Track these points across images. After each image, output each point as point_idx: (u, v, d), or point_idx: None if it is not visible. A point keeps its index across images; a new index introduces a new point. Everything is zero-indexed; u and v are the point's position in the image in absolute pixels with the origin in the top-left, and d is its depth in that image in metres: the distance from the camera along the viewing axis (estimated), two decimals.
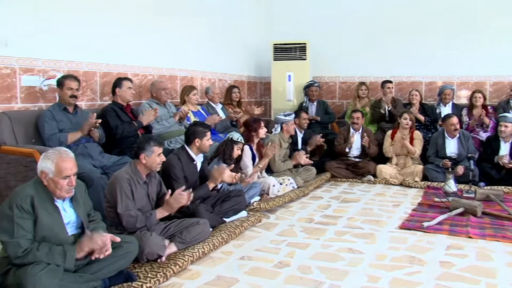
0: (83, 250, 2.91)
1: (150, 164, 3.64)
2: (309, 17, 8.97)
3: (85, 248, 2.91)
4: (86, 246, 2.91)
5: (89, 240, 2.92)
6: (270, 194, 5.34)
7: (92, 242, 2.92)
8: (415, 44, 8.27)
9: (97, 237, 2.93)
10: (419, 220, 4.67)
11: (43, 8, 4.83)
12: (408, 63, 8.40)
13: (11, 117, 4.41)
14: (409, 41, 8.30)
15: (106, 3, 5.57)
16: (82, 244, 2.92)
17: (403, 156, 6.80)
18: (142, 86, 6.19)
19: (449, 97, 7.48)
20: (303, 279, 3.32)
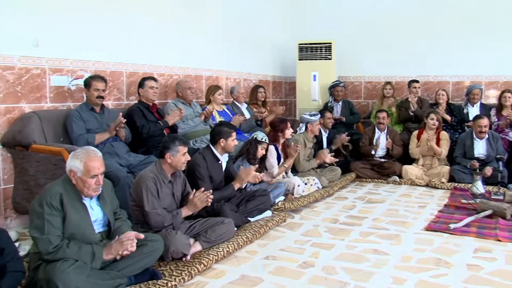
0: (112, 254, 2.95)
1: (175, 164, 3.67)
2: (335, 17, 8.92)
3: (114, 252, 2.95)
4: (115, 250, 2.95)
5: (119, 244, 2.96)
6: (295, 194, 5.33)
7: (121, 246, 2.95)
8: (442, 43, 8.15)
9: (127, 242, 2.96)
10: (445, 222, 4.60)
11: (72, 10, 4.92)
12: (435, 62, 8.27)
13: (41, 117, 4.50)
14: (436, 40, 8.19)
15: (132, 4, 5.65)
16: (112, 248, 2.96)
17: (430, 157, 6.72)
18: (168, 85, 6.24)
19: (477, 97, 7.33)
20: (327, 279, 3.31)
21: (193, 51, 6.71)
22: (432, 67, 8.31)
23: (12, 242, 2.74)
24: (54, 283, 2.64)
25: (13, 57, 4.45)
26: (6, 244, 2.61)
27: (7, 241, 2.65)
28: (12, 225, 4.52)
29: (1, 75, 4.37)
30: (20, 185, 4.42)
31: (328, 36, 8.44)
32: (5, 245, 2.59)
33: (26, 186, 4.36)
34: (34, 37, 4.60)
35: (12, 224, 4.53)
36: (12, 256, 2.64)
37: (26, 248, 3.70)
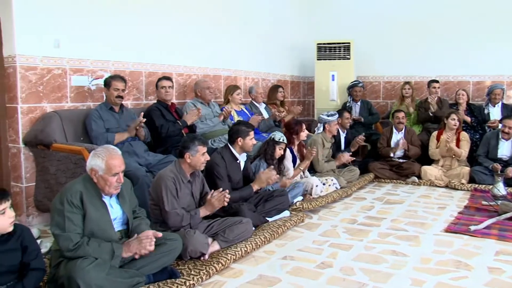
0: (131, 251, 2.99)
1: (195, 163, 3.69)
2: (353, 16, 8.87)
3: (133, 250, 2.98)
4: (134, 248, 2.98)
5: (138, 242, 3.00)
6: (313, 194, 5.32)
7: (140, 245, 2.98)
8: (462, 42, 8.04)
9: (145, 240, 3.00)
10: (465, 224, 4.55)
11: (92, 11, 4.98)
12: (455, 62, 8.15)
13: (62, 116, 4.57)
14: (456, 39, 8.08)
15: (151, 5, 5.69)
16: (131, 246, 2.99)
17: (449, 158, 6.64)
18: (187, 85, 6.28)
19: (498, 97, 7.23)
20: (345, 280, 3.30)
21: (212, 51, 6.74)
22: (452, 67, 8.20)
23: (35, 240, 2.79)
24: (75, 280, 2.68)
25: (36, 58, 4.52)
26: (29, 242, 2.65)
27: (30, 239, 2.69)
28: (34, 223, 4.59)
29: (24, 75, 4.44)
30: (41, 183, 4.49)
31: (347, 36, 8.40)
32: (28, 243, 2.64)
33: (47, 184, 4.42)
34: (56, 38, 4.67)
35: (34, 221, 4.61)
36: (35, 254, 2.69)
37: (47, 245, 3.76)
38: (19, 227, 2.71)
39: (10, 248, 2.57)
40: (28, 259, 2.62)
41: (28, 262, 2.62)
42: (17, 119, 4.45)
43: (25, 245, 2.61)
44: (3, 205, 2.46)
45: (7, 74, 4.48)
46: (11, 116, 4.50)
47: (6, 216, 2.49)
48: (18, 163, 4.53)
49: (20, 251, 2.60)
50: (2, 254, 2.53)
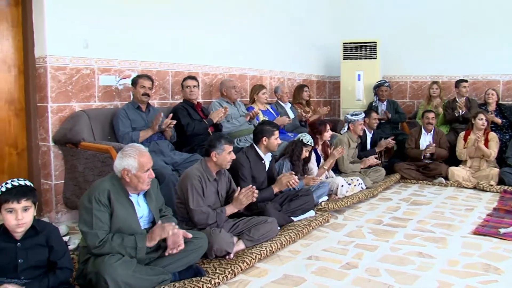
0: (155, 239, 3.02)
1: (221, 162, 3.71)
2: (380, 15, 8.79)
3: (157, 237, 3.02)
4: (157, 235, 3.02)
5: (161, 229, 3.03)
6: (339, 194, 5.29)
7: (163, 231, 3.02)
8: (491, 40, 7.88)
9: (168, 226, 3.03)
10: (494, 226, 4.47)
11: (120, 12, 5.06)
12: (484, 61, 7.99)
13: (90, 115, 4.65)
14: (485, 37, 7.92)
15: (178, 6, 5.74)
16: (154, 233, 3.03)
17: (477, 159, 6.52)
18: (213, 85, 6.31)
19: None
20: (371, 281, 3.27)
21: (238, 51, 6.76)
22: (481, 66, 8.03)
23: (62, 239, 2.83)
24: (102, 277, 2.73)
25: (65, 58, 4.61)
26: (55, 242, 2.69)
27: (57, 239, 2.74)
28: (62, 220, 4.68)
29: (54, 75, 4.53)
30: (70, 181, 4.57)
31: (373, 35, 8.33)
32: (54, 242, 2.68)
33: (76, 182, 4.50)
34: (84, 38, 4.75)
35: (62, 218, 4.70)
36: (62, 253, 2.73)
37: (75, 242, 3.83)
38: (47, 225, 2.77)
39: (36, 243, 2.62)
40: (55, 258, 2.67)
41: (55, 261, 2.67)
42: (47, 118, 4.54)
43: (51, 245, 2.66)
44: (10, 204, 2.50)
45: (38, 74, 4.57)
46: (41, 115, 4.60)
47: (13, 217, 2.51)
48: (48, 161, 4.62)
49: (47, 248, 2.65)
50: (29, 249, 2.59)
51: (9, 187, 2.52)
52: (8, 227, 2.55)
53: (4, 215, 2.51)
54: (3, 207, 2.50)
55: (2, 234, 2.57)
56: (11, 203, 2.50)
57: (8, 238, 2.57)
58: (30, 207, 2.57)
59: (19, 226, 2.54)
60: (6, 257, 2.55)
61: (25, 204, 2.54)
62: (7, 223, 2.53)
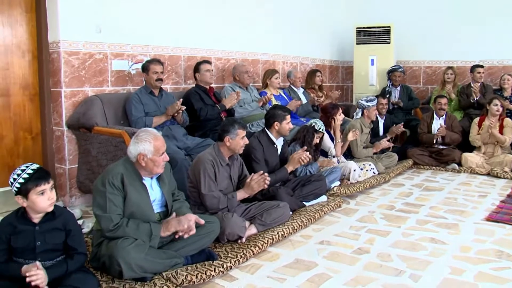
0: (169, 230, 3.06)
1: (234, 147, 3.72)
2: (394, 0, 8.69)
3: (171, 229, 3.06)
4: (173, 227, 3.05)
5: (177, 222, 3.07)
6: (351, 179, 5.29)
7: (179, 224, 3.05)
8: (507, 25, 7.74)
9: (184, 220, 3.06)
10: (508, 213, 4.43)
11: None
12: (500, 45, 7.86)
13: (103, 100, 4.67)
14: (501, 22, 7.78)
15: None
16: (169, 225, 3.06)
17: (491, 145, 6.45)
18: (225, 70, 6.30)
19: None
20: (382, 266, 3.28)
21: (251, 36, 6.73)
22: (497, 51, 7.91)
23: (78, 225, 2.87)
24: (116, 259, 2.77)
25: (78, 43, 4.62)
26: (73, 226, 2.73)
27: (75, 225, 2.77)
28: (76, 203, 4.74)
29: (67, 60, 4.55)
30: (83, 165, 4.61)
31: (387, 20, 8.25)
32: (72, 227, 2.71)
33: (89, 166, 4.54)
34: (97, 23, 4.76)
35: (76, 202, 4.75)
36: (79, 239, 2.77)
37: (89, 225, 3.87)
38: (65, 211, 2.80)
39: (54, 227, 2.65)
40: (73, 243, 2.70)
41: (73, 246, 2.70)
42: (60, 103, 4.57)
43: (69, 229, 2.69)
44: (42, 186, 2.53)
45: (51, 59, 4.60)
46: (55, 100, 4.63)
47: (46, 197, 2.55)
48: (62, 146, 4.66)
49: (64, 232, 2.68)
50: (47, 232, 2.63)
51: (30, 172, 2.54)
52: (41, 210, 2.58)
53: (36, 199, 2.53)
54: (34, 191, 2.52)
55: (21, 217, 2.61)
56: (43, 185, 2.54)
57: (27, 221, 2.61)
58: (53, 185, 2.63)
59: (51, 205, 2.60)
60: (25, 239, 2.59)
61: (51, 182, 2.60)
62: (41, 206, 2.56)
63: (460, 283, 3.04)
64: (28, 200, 2.54)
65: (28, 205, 2.56)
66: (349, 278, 3.09)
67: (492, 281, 3.06)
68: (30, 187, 2.52)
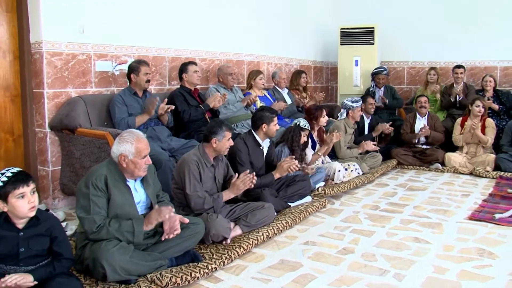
0: (152, 223, 3.03)
1: (220, 148, 3.72)
2: (377, 1, 8.74)
3: (153, 221, 3.03)
4: (154, 219, 3.03)
5: (157, 213, 3.04)
6: (335, 179, 5.31)
7: (160, 215, 3.03)
8: (489, 26, 7.85)
9: (165, 210, 3.04)
10: (490, 212, 4.49)
11: None
12: (482, 47, 7.97)
13: (86, 101, 4.62)
14: (483, 23, 7.89)
15: None
16: (151, 218, 3.04)
17: (474, 145, 6.54)
18: (209, 70, 6.28)
19: None
20: (367, 266, 3.30)
21: (235, 36, 6.72)
22: (479, 52, 8.02)
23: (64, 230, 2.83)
24: (99, 262, 2.75)
25: (61, 43, 4.57)
26: (59, 233, 2.68)
27: (60, 230, 2.73)
28: (59, 206, 4.69)
29: (50, 61, 4.50)
30: (66, 167, 4.57)
31: (371, 21, 8.31)
32: (58, 233, 2.67)
33: (72, 168, 4.50)
34: (80, 23, 4.71)
35: (59, 204, 4.70)
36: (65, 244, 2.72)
37: (73, 228, 3.84)
38: (50, 216, 2.75)
39: (38, 233, 2.59)
40: (59, 249, 2.65)
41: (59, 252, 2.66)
42: (43, 104, 4.52)
43: (54, 235, 2.64)
44: (21, 189, 2.46)
45: (33, 60, 4.54)
46: (37, 101, 4.58)
47: (26, 201, 2.48)
48: (44, 147, 4.61)
49: (48, 238, 2.63)
50: (31, 238, 2.56)
51: (9, 175, 2.48)
52: (21, 214, 2.51)
53: (15, 203, 2.47)
54: (13, 194, 2.45)
55: (4, 223, 2.54)
56: (22, 188, 2.47)
57: (10, 227, 2.54)
58: (35, 189, 2.55)
59: (32, 210, 2.52)
60: (8, 245, 2.53)
61: (32, 186, 2.52)
62: (20, 210, 2.49)
63: (443, 281, 3.08)
64: (8, 204, 2.48)
65: (8, 209, 2.49)
66: (334, 278, 3.10)
67: (474, 279, 3.10)
68: (9, 190, 2.45)
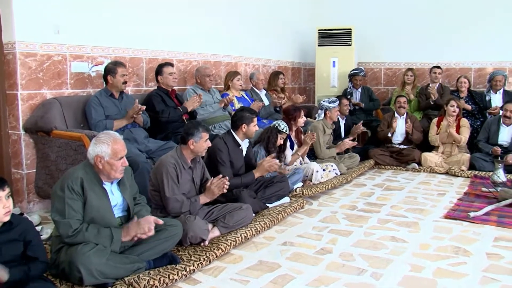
0: (130, 235, 3.01)
1: (197, 150, 3.70)
2: (355, 2, 8.82)
3: (132, 233, 3.01)
4: (133, 231, 3.01)
5: (137, 225, 3.02)
6: (313, 180, 5.33)
7: (139, 228, 3.01)
8: (464, 29, 7.99)
9: (144, 223, 3.02)
10: (465, 210, 4.56)
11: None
12: (457, 49, 8.12)
13: (62, 103, 4.56)
14: (459, 26, 8.03)
15: None
16: (129, 229, 3.01)
17: (449, 144, 6.64)
18: (187, 72, 6.26)
19: (500, 83, 7.20)
20: (345, 266, 3.32)
21: (212, 37, 6.70)
22: (454, 54, 8.16)
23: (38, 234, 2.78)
24: (75, 266, 2.71)
25: (35, 44, 4.50)
26: (33, 237, 2.63)
27: (35, 234, 2.68)
28: (34, 209, 4.61)
29: (24, 62, 4.43)
30: (42, 170, 4.50)
31: (348, 22, 8.37)
32: (32, 237, 2.62)
33: (48, 171, 4.43)
34: (55, 24, 4.65)
35: (34, 208, 4.63)
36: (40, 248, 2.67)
37: (48, 231, 3.78)
38: (23, 220, 2.70)
39: (11, 238, 2.54)
40: (34, 253, 2.60)
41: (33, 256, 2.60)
42: (17, 106, 4.44)
43: (28, 240, 2.58)
44: None
45: (6, 60, 4.46)
46: (11, 103, 4.49)
47: (1, 206, 2.43)
48: (19, 150, 4.53)
49: (22, 243, 2.58)
50: (3, 244, 2.50)
51: None
52: None
53: None
54: None
55: None
56: None
57: None
58: (10, 193, 2.50)
59: (6, 215, 2.47)
60: None
61: (7, 190, 2.47)
62: None
63: (420, 279, 3.12)
64: None
65: None
66: (312, 278, 3.12)
67: (450, 277, 3.15)
68: None
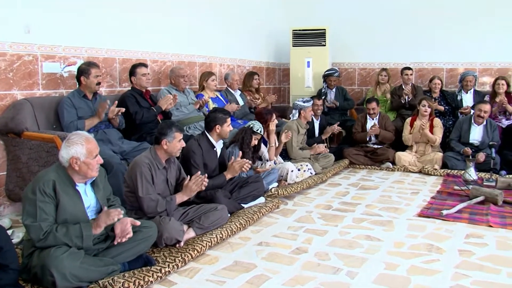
0: (100, 226, 2.95)
1: (171, 150, 3.67)
2: (329, 3, 8.88)
3: (102, 224, 2.95)
4: (103, 222, 2.95)
5: (106, 215, 2.96)
6: (288, 180, 5.35)
7: (108, 217, 2.95)
8: (436, 29, 8.14)
9: (113, 212, 2.96)
10: (437, 208, 4.64)
11: None
12: (429, 49, 8.28)
13: (33, 103, 4.47)
14: (431, 27, 8.18)
15: None
16: (99, 220, 2.95)
17: (423, 144, 6.74)
18: (161, 72, 6.21)
19: (470, 84, 7.34)
20: (320, 265, 3.33)
21: (187, 38, 6.67)
22: (427, 54, 8.32)
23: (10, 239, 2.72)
24: (48, 270, 2.67)
25: (4, 44, 4.40)
26: (4, 242, 2.58)
27: (6, 239, 2.62)
28: (5, 213, 4.52)
29: None
30: (13, 172, 4.41)
31: (322, 23, 8.43)
32: (3, 243, 2.57)
33: (19, 173, 4.35)
34: (25, 23, 4.55)
35: (5, 211, 4.53)
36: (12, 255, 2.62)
37: (19, 235, 3.70)
38: None
39: None
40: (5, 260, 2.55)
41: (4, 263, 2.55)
42: None
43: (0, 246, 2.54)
44: None
45: None
46: None
47: None
48: None
49: None
50: None
51: None
52: None
53: None
54: None
55: None
56: None
57: None
58: None
59: None
60: None
61: None
62: None
63: (394, 277, 3.15)
64: None
65: None
66: (288, 278, 3.12)
67: (423, 274, 3.19)
68: None
